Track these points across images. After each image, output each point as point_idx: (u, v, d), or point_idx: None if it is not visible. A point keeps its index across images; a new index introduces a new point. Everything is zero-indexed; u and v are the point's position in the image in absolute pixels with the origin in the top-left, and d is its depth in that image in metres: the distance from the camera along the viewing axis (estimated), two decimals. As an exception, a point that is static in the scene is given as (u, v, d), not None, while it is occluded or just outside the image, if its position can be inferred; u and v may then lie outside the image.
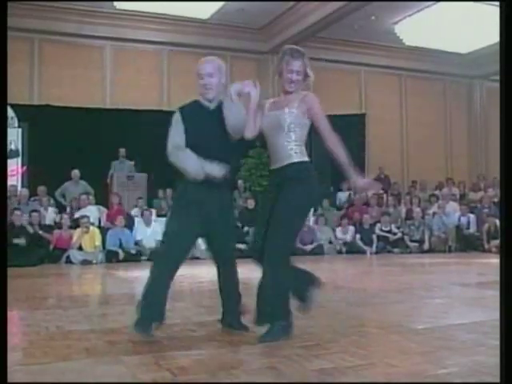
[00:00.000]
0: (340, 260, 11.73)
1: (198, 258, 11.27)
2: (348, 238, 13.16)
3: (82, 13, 14.44)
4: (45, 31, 14.34)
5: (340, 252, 12.85)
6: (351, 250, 12.85)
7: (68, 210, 12.19)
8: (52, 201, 12.54)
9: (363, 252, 12.65)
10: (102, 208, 12.38)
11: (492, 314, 4.59)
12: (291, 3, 14.52)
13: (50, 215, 12.02)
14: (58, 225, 11.38)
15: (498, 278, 7.70)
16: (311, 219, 13.16)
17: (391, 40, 16.40)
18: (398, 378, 2.78)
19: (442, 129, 19.05)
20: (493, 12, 14.40)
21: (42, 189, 12.44)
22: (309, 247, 12.43)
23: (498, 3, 14.11)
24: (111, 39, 15.14)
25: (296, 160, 3.59)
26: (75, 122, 13.72)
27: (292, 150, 3.60)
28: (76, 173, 12.96)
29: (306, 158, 3.65)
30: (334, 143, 3.59)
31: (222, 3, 14.13)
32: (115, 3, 14.29)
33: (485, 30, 15.26)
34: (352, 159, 3.79)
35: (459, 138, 19.22)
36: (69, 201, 12.56)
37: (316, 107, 3.64)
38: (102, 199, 12.76)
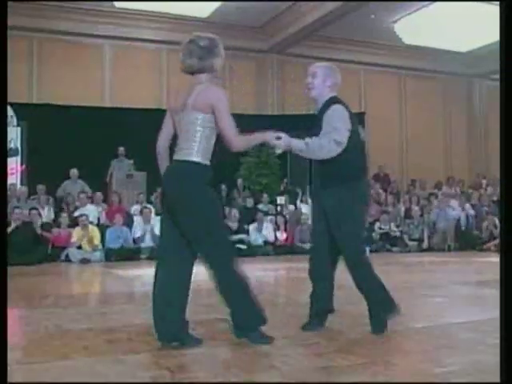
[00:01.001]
0: (339, 259, 11.69)
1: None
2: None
3: (81, 11, 14.41)
4: (44, 30, 14.33)
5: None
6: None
7: (66, 208, 12.16)
8: (51, 199, 12.52)
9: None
10: (103, 205, 12.41)
11: (491, 313, 4.59)
12: (290, 2, 14.51)
13: (49, 213, 12.01)
14: (57, 223, 11.36)
15: (497, 277, 7.70)
16: (310, 218, 13.14)
17: (390, 39, 16.38)
18: (397, 376, 2.78)
19: (441, 127, 19.04)
20: (492, 10, 14.41)
21: (40, 187, 12.42)
22: (308, 245, 12.39)
23: (497, 2, 14.13)
24: (110, 38, 15.11)
25: None
26: (74, 120, 13.69)
27: None
28: (74, 172, 12.96)
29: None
30: None
31: (221, 2, 14.11)
32: (115, 2, 14.27)
33: (484, 28, 15.26)
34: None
35: (459, 137, 19.21)
36: (68, 200, 12.54)
37: None
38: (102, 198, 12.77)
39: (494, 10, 14.41)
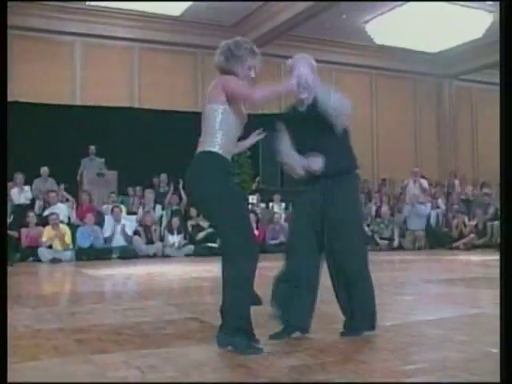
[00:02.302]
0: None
1: (168, 256, 11.26)
2: (319, 235, 13.21)
3: (52, 8, 14.25)
4: (13, 26, 14.09)
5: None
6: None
7: (36, 207, 12.02)
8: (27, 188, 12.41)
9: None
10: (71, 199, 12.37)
11: (459, 310, 4.67)
12: (262, 1, 14.52)
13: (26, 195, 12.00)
14: (25, 223, 11.19)
15: (465, 275, 7.82)
16: (283, 217, 13.22)
17: (362, 39, 16.50)
18: (367, 374, 2.80)
19: (411, 127, 19.25)
20: (462, 12, 14.62)
21: (19, 177, 12.24)
22: (273, 242, 12.44)
23: (467, 3, 14.33)
24: (81, 35, 14.97)
25: None
26: (44, 118, 13.55)
27: None
28: (45, 170, 12.82)
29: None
30: None
31: (192, 1, 14.07)
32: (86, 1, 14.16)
33: (454, 29, 15.47)
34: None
35: (428, 136, 19.45)
36: (37, 198, 12.41)
37: None
38: (73, 196, 12.66)
39: (464, 11, 14.63)
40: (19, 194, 11.98)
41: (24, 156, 12.67)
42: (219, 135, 3.37)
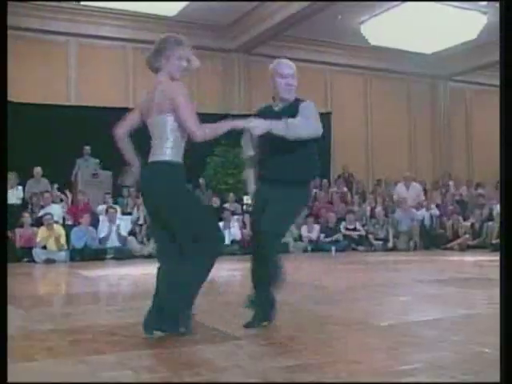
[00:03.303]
0: (305, 258, 11.78)
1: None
2: (313, 236, 13.24)
3: (45, 8, 14.22)
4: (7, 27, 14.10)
5: (306, 250, 12.91)
6: (317, 248, 12.92)
7: (29, 208, 12.00)
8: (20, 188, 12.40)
9: (328, 250, 12.73)
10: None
11: (453, 311, 4.68)
12: (257, 2, 14.52)
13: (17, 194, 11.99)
14: (20, 223, 11.17)
15: (459, 275, 7.84)
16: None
17: (357, 40, 16.51)
18: (361, 374, 2.81)
19: (406, 128, 19.28)
20: (457, 13, 14.66)
21: (13, 177, 12.21)
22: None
23: (461, 4, 14.36)
24: (75, 35, 14.94)
25: None
26: (38, 118, 13.50)
27: None
28: (38, 170, 12.79)
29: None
30: None
31: (185, 3, 14.05)
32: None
33: (448, 31, 15.51)
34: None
35: (423, 137, 19.49)
36: (32, 199, 12.38)
37: None
38: (67, 197, 12.64)
39: (459, 12, 14.66)
40: (11, 194, 11.95)
41: (17, 156, 12.60)
42: (171, 144, 3.46)
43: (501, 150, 2.79)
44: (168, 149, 3.46)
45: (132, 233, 11.67)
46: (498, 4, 13.85)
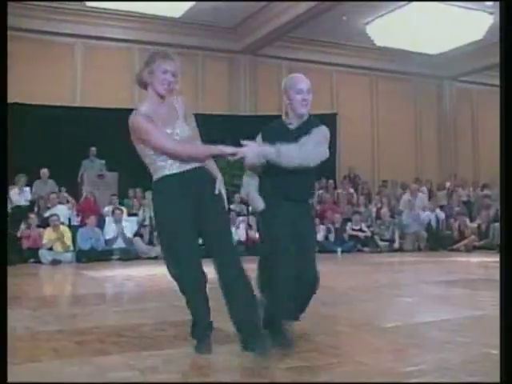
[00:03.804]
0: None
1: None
2: (319, 237, 13.22)
3: (51, 10, 14.27)
4: (13, 28, 14.04)
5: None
6: (323, 249, 12.89)
7: (36, 209, 12.03)
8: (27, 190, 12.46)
9: (334, 251, 12.71)
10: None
11: (459, 312, 4.67)
12: (264, 3, 14.53)
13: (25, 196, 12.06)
14: (27, 224, 11.20)
15: (465, 276, 7.82)
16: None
17: (362, 40, 16.51)
18: (368, 375, 2.81)
19: (412, 128, 19.25)
20: (463, 13, 14.63)
21: (22, 179, 12.28)
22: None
23: (467, 4, 14.33)
24: (82, 37, 15.00)
25: None
26: (44, 119, 13.55)
27: None
28: (45, 172, 12.83)
29: None
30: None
31: (194, 2, 14.07)
32: (86, 1, 14.15)
33: (454, 31, 15.48)
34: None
35: (429, 138, 19.45)
36: (38, 200, 12.42)
37: None
38: (73, 198, 12.68)
39: (465, 13, 14.63)
40: (19, 196, 12.01)
41: (24, 157, 12.67)
42: (160, 161, 3.33)
43: (501, 151, 2.77)
44: (160, 165, 3.36)
45: (138, 234, 11.68)
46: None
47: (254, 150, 3.44)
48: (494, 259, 10.26)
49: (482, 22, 15.02)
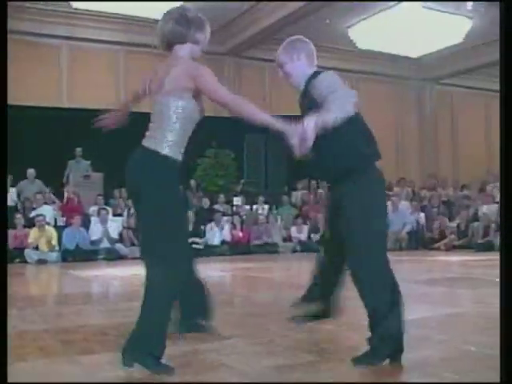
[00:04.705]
0: (294, 259, 11.80)
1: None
2: (302, 236, 13.32)
3: (37, 12, 14.22)
4: None
5: (295, 250, 12.99)
6: (306, 248, 12.97)
7: (22, 209, 12.01)
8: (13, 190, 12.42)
9: (317, 250, 12.76)
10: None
11: (440, 310, 4.74)
12: (248, 5, 14.57)
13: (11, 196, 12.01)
14: (12, 224, 11.18)
15: (445, 275, 7.92)
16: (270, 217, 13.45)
17: (344, 43, 16.60)
18: (349, 374, 2.86)
19: (393, 130, 19.37)
20: (443, 17, 14.80)
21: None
22: (257, 242, 12.67)
23: (448, 9, 14.50)
24: (68, 38, 14.94)
25: None
26: (31, 121, 13.49)
27: None
28: (31, 172, 12.81)
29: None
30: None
31: (179, 3, 14.06)
32: (71, 2, 14.10)
33: (435, 35, 15.65)
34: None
35: (410, 139, 19.63)
36: (24, 200, 12.40)
37: None
38: (59, 199, 12.70)
39: (445, 17, 14.81)
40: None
41: (10, 158, 12.57)
42: (172, 134, 2.95)
43: (501, 151, 2.81)
44: (169, 139, 2.96)
45: (122, 234, 11.70)
46: (483, 8, 14.02)
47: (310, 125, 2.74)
48: (473, 258, 10.41)
49: (461, 26, 15.21)
